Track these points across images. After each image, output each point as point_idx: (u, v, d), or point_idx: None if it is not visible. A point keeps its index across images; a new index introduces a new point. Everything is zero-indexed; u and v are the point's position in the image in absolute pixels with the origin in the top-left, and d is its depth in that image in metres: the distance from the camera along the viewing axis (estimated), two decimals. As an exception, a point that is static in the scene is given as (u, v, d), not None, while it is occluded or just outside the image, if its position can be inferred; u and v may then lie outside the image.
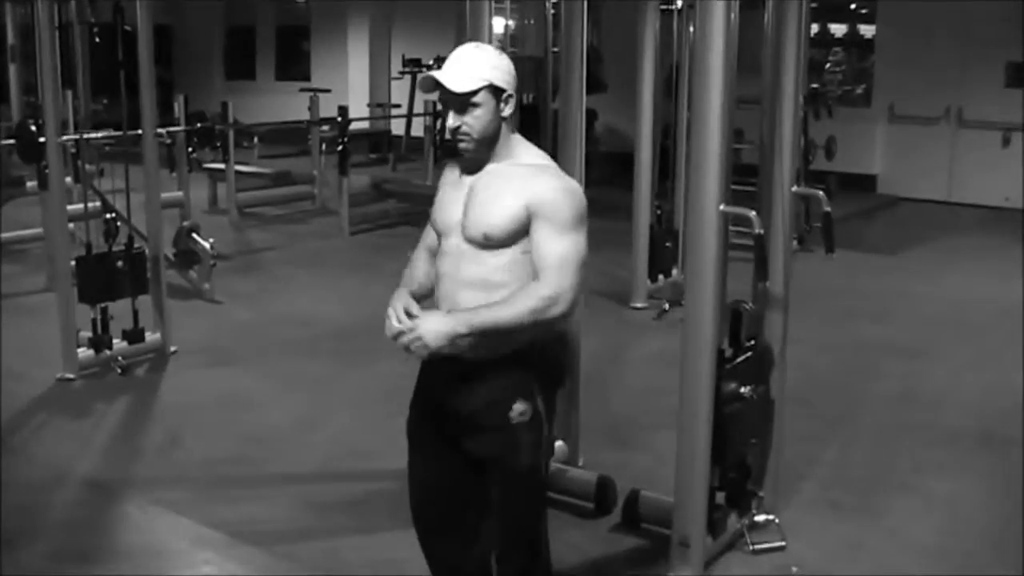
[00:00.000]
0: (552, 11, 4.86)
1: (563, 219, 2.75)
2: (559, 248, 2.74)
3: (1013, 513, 4.45)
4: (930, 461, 5.05)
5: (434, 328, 2.72)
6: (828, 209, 4.24)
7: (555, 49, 4.79)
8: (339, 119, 10.49)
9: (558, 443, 4.58)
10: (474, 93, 2.79)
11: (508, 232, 2.79)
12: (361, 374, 6.12)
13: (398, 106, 14.53)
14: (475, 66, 2.81)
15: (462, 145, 2.85)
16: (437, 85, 2.80)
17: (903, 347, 6.83)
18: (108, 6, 6.43)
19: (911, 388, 6.09)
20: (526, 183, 2.80)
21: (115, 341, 6.17)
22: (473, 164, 2.90)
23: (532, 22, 11.62)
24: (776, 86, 4.10)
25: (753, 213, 3.74)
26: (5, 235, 8.80)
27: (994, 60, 11.78)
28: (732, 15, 3.54)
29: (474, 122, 2.81)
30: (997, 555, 4.15)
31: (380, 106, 15.27)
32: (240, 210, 10.99)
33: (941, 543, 4.27)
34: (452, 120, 2.82)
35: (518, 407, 2.86)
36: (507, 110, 2.84)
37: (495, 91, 2.81)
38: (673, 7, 8.03)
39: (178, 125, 8.75)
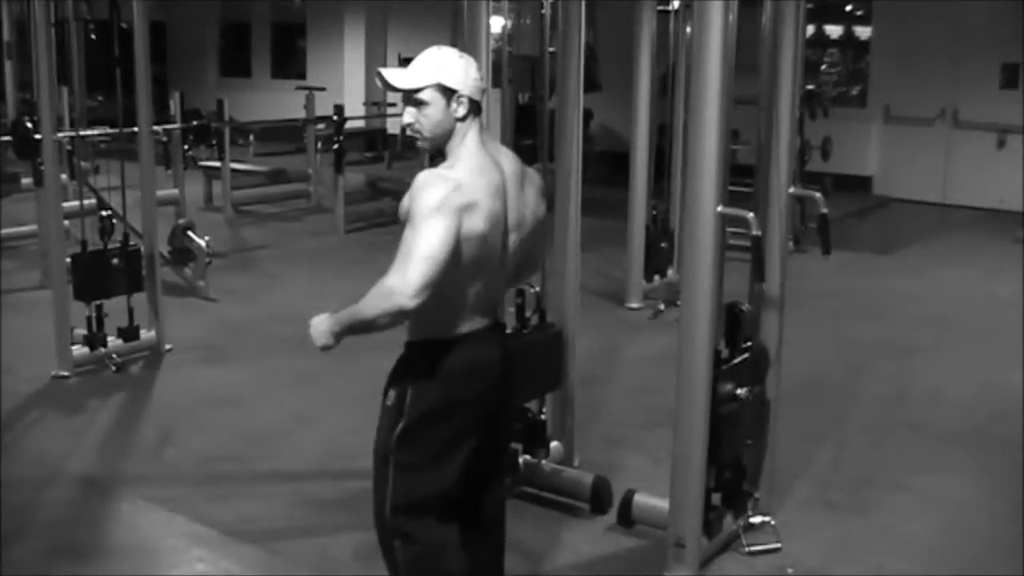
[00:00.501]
0: (547, 11, 4.85)
1: (415, 213, 2.77)
2: (407, 241, 2.77)
3: (1010, 512, 4.47)
4: (925, 460, 5.05)
5: (316, 327, 2.91)
6: (825, 211, 4.24)
7: (551, 49, 4.78)
8: (335, 117, 10.48)
9: (554, 443, 4.58)
10: (419, 91, 2.87)
11: (404, 226, 2.88)
12: (355, 371, 6.08)
13: (394, 104, 14.49)
14: (426, 66, 2.90)
15: (418, 143, 2.95)
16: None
17: (898, 347, 6.84)
18: (104, 3, 6.41)
19: (905, 388, 6.10)
20: None
21: (110, 338, 6.17)
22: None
23: (528, 21, 11.61)
24: (773, 86, 4.10)
25: (751, 215, 3.74)
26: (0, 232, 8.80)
27: (990, 61, 11.79)
28: (730, 16, 3.54)
29: (424, 120, 2.90)
30: (994, 554, 4.16)
31: (376, 104, 15.23)
32: (235, 208, 10.98)
33: (937, 542, 4.28)
34: (406, 116, 2.93)
35: (391, 392, 3.03)
36: (460, 111, 2.90)
37: (445, 91, 2.88)
38: (669, 8, 8.04)
39: (174, 122, 8.73)
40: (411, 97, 2.90)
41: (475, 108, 2.93)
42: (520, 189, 3.04)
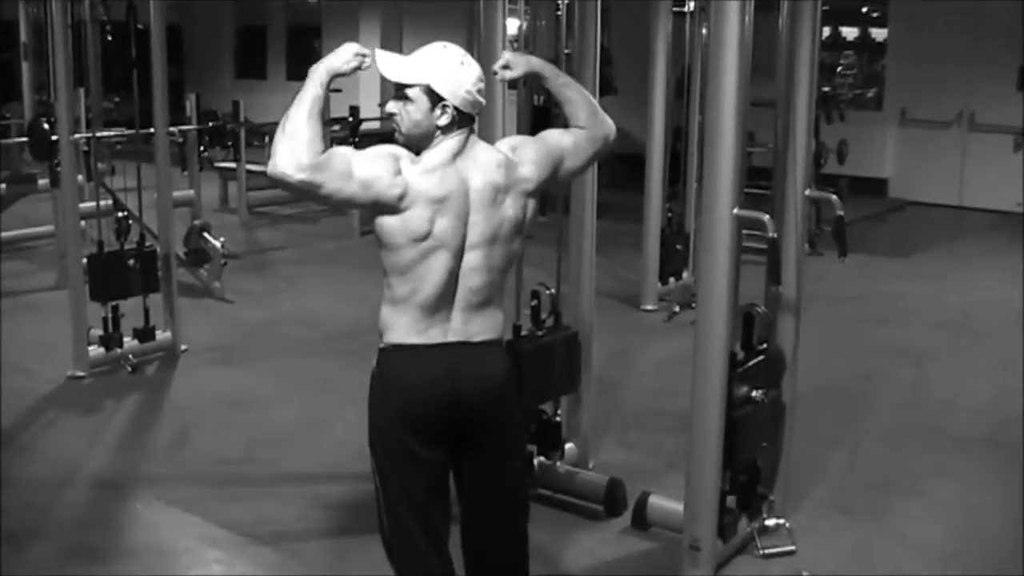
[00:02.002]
0: (560, 12, 4.85)
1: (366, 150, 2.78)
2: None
3: (1025, 519, 4.45)
4: (940, 466, 5.03)
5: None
6: (841, 213, 4.23)
7: (567, 50, 4.78)
8: (350, 119, 10.48)
9: (568, 445, 4.58)
10: (407, 87, 2.80)
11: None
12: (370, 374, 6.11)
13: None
14: (422, 64, 2.80)
15: (395, 134, 2.86)
16: None
17: (913, 351, 6.81)
18: (121, 5, 6.45)
19: (921, 392, 6.08)
20: None
21: (126, 339, 6.18)
22: None
23: (543, 23, 11.61)
24: (790, 89, 4.08)
25: (767, 217, 3.73)
26: (17, 232, 8.84)
27: (1007, 64, 11.73)
28: (747, 18, 3.53)
29: (405, 115, 2.82)
30: (1009, 561, 4.13)
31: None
32: (250, 209, 11.01)
33: (951, 548, 4.26)
34: (390, 105, 2.85)
35: None
36: (443, 120, 2.78)
37: (432, 95, 2.78)
38: (685, 9, 8.03)
39: (190, 124, 8.76)
40: (401, 90, 2.81)
41: (463, 120, 2.80)
42: (492, 204, 2.81)
